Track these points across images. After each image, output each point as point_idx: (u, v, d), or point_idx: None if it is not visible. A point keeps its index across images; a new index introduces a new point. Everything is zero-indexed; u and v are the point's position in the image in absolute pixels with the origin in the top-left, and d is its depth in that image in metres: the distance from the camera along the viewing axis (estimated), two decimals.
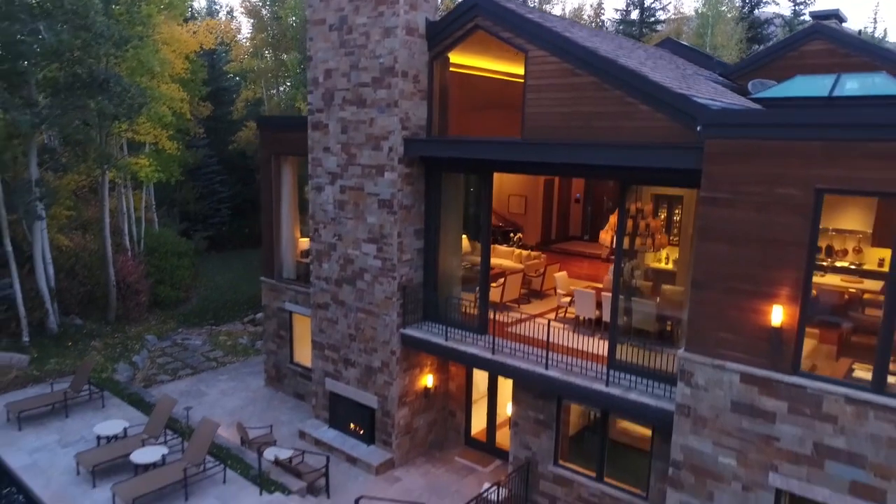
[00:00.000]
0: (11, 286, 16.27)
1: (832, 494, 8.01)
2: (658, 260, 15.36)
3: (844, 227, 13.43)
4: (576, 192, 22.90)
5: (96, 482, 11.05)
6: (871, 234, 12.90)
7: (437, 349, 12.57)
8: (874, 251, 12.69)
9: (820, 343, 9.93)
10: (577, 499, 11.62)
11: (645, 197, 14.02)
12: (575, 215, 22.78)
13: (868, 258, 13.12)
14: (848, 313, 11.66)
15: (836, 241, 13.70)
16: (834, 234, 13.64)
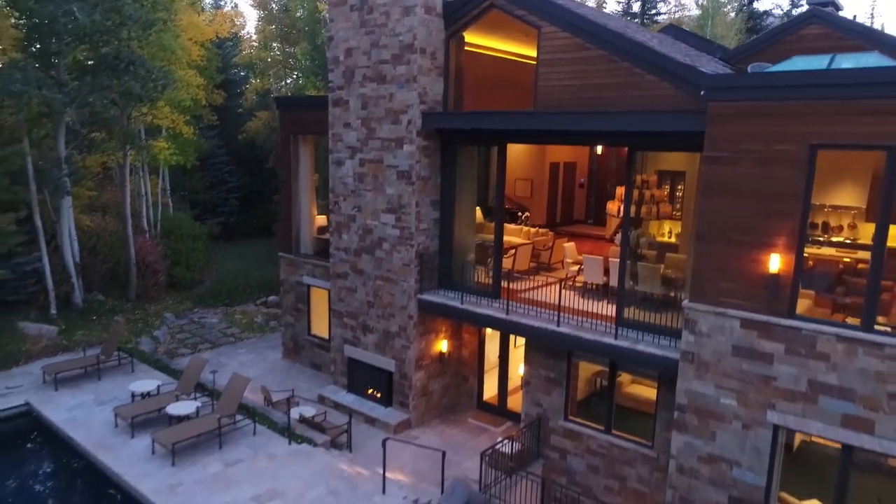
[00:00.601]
0: (40, 260, 16.93)
1: (825, 427, 8.71)
2: (662, 234, 16.09)
3: (840, 203, 14.04)
4: (580, 178, 23.62)
5: (134, 433, 11.73)
6: (864, 209, 13.53)
7: (454, 312, 13.26)
8: (868, 226, 13.27)
9: (815, 307, 10.60)
10: (587, 451, 12.31)
11: (650, 170, 14.78)
12: (579, 199, 23.49)
13: (862, 233, 13.71)
14: (842, 279, 12.37)
15: (833, 217, 14.32)
16: (830, 210, 14.26)
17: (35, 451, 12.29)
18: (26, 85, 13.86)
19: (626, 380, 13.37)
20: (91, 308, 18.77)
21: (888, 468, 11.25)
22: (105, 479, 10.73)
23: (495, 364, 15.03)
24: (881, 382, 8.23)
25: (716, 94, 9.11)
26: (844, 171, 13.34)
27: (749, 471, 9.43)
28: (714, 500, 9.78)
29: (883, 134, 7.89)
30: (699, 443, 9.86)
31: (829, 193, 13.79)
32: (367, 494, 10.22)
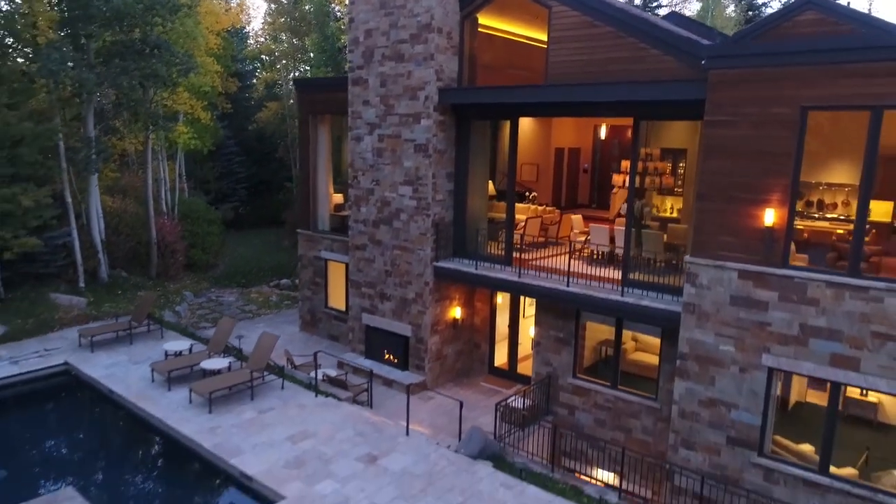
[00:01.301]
0: (70, 235, 17.71)
1: (815, 367, 9.51)
2: (665, 210, 16.87)
3: (835, 181, 14.78)
4: (584, 163, 24.39)
5: (171, 387, 12.53)
6: (858, 186, 14.28)
7: (469, 277, 14.06)
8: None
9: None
10: (594, 406, 13.10)
11: (653, 147, 15.56)
12: (583, 184, 24.24)
13: (855, 209, 14.45)
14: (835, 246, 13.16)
15: (827, 195, 15.06)
16: (825, 188, 15.00)
17: (78, 402, 13.14)
18: (62, 64, 14.66)
19: (630, 347, 14.20)
20: (116, 283, 19.56)
21: (878, 423, 12.17)
22: (146, 424, 11.54)
23: (506, 335, 15.83)
24: (866, 323, 9.03)
25: (715, 62, 9.91)
26: (839, 149, 14.10)
27: (746, 412, 10.22)
28: (713, 440, 10.58)
29: (867, 94, 8.70)
30: (700, 388, 10.65)
31: (825, 171, 14.49)
32: (391, 436, 11.01)
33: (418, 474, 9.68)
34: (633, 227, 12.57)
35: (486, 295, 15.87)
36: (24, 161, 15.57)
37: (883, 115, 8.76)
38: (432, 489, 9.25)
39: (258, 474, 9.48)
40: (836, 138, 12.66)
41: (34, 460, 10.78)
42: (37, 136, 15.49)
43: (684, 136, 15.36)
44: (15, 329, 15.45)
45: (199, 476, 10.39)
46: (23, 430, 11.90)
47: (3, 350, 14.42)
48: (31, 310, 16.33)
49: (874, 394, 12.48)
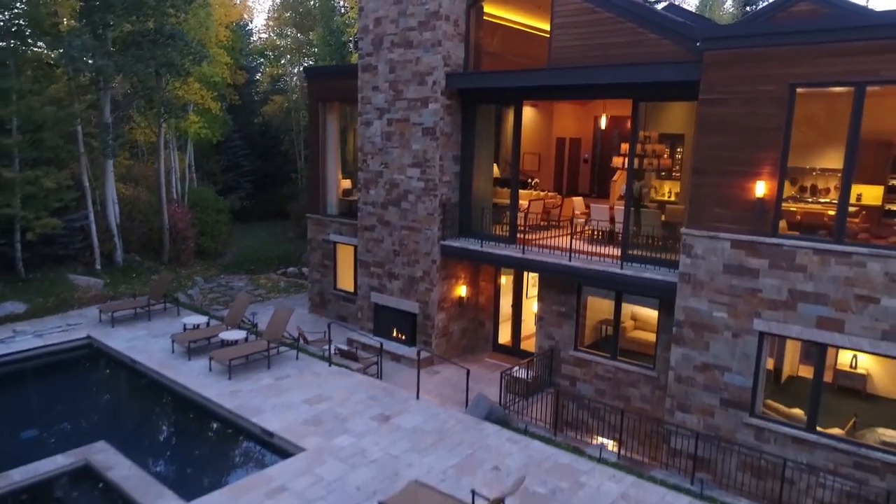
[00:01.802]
0: (87, 218, 18.30)
1: (803, 329, 10.10)
2: (662, 194, 17.45)
3: (827, 166, 15.34)
4: (584, 153, 24.97)
5: (190, 357, 13.13)
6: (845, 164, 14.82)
7: (475, 255, 14.65)
8: (853, 188, 14.53)
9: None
10: (594, 376, 13.70)
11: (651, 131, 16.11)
12: (584, 174, 24.81)
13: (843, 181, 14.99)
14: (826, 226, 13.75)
15: (821, 180, 15.62)
16: (818, 174, 15.56)
17: (102, 371, 13.77)
18: (83, 51, 15.24)
19: (629, 326, 14.79)
20: (130, 267, 20.15)
21: (866, 394, 12.76)
22: (169, 389, 12.14)
23: (509, 316, 16.43)
24: (850, 287, 9.62)
25: (710, 43, 10.50)
26: (832, 136, 14.66)
27: (738, 374, 10.82)
28: (708, 403, 11.17)
29: (850, 72, 9.30)
30: (695, 353, 11.25)
31: (819, 158, 15.04)
32: (402, 400, 11.61)
33: (429, 430, 10.27)
34: (631, 207, 13.17)
35: (490, 275, 16.47)
36: (46, 145, 16.18)
37: (865, 91, 9.35)
38: (443, 443, 9.84)
39: (279, 430, 10.08)
40: (830, 126, 13.24)
41: (64, 421, 11.42)
42: (58, 121, 16.09)
43: (682, 121, 15.95)
44: (36, 307, 16.05)
45: (222, 433, 11.01)
46: (50, 395, 12.55)
47: (27, 325, 15.02)
48: (50, 289, 16.92)
49: (863, 366, 13.14)
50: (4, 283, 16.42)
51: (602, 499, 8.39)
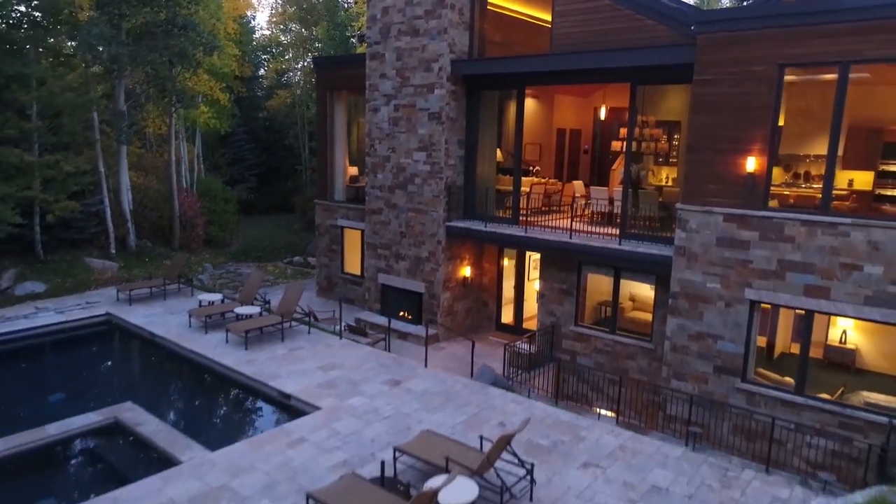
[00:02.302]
0: (102, 203, 18.87)
1: (791, 297, 10.67)
2: (660, 180, 18.01)
3: (821, 153, 15.86)
4: (584, 144, 25.52)
5: (207, 331, 13.71)
6: (841, 157, 15.36)
7: (479, 234, 15.22)
8: (844, 174, 15.09)
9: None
10: (594, 350, 14.28)
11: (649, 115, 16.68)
12: (584, 164, 25.37)
13: (840, 181, 15.50)
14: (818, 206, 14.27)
15: (814, 167, 16.15)
16: (812, 160, 16.10)
17: (123, 343, 14.39)
18: (101, 40, 15.81)
19: (628, 306, 15.35)
20: (143, 251, 20.72)
21: (856, 369, 13.32)
22: (188, 359, 12.71)
23: (511, 299, 17.00)
24: (835, 256, 10.20)
25: (703, 26, 11.08)
26: (824, 125, 15.19)
27: (730, 342, 11.39)
28: (701, 370, 11.75)
29: (834, 52, 9.88)
30: (689, 323, 11.83)
31: (811, 144, 15.58)
32: (411, 368, 12.19)
33: (437, 393, 10.85)
34: (630, 189, 13.75)
35: (493, 256, 17.04)
36: (66, 130, 16.74)
37: (850, 70, 9.91)
38: (450, 403, 10.42)
39: (296, 392, 10.66)
40: (823, 115, 13.76)
41: (90, 386, 12.01)
42: (77, 107, 16.65)
43: (678, 109, 16.50)
44: (55, 287, 16.63)
45: (241, 396, 11.60)
46: (74, 365, 13.20)
47: (48, 303, 15.60)
48: (68, 271, 17.50)
49: (852, 341, 13.71)
50: (24, 264, 16.99)
51: (601, 449, 8.97)
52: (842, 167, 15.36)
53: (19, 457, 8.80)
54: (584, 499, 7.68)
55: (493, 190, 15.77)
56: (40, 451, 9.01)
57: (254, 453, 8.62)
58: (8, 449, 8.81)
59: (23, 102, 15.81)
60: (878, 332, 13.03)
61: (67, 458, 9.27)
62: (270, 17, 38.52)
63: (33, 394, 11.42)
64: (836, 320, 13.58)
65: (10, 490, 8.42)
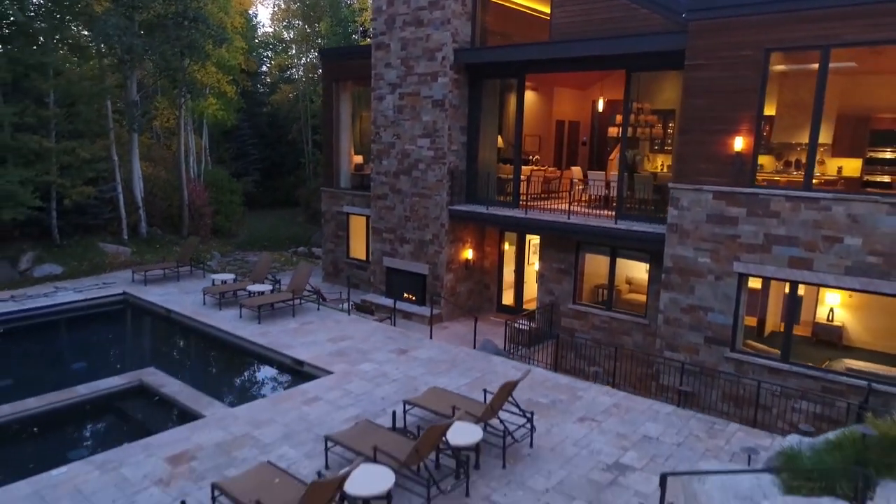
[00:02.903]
0: (115, 190, 19.48)
1: (777, 269, 11.30)
2: (655, 167, 18.62)
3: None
4: (583, 136, 26.13)
5: (221, 307, 14.32)
6: (831, 145, 15.95)
7: (481, 217, 15.84)
8: (834, 161, 15.69)
9: None
10: (591, 327, 14.90)
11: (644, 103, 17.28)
12: (582, 156, 26.01)
13: (830, 168, 16.11)
14: None
15: (804, 155, 16.70)
16: (803, 149, 16.65)
17: (141, 318, 15.02)
18: (117, 30, 16.43)
19: (624, 289, 15.96)
20: (153, 238, 21.35)
21: (842, 346, 13.91)
22: (204, 332, 13.31)
23: (512, 284, 17.63)
24: (818, 229, 10.82)
25: (694, 14, 11.70)
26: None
27: (720, 314, 12.02)
28: (693, 341, 12.37)
29: (816, 36, 10.50)
30: (681, 297, 12.45)
31: (802, 133, 16.12)
32: (417, 339, 12.81)
33: (442, 360, 11.47)
34: (625, 173, 14.38)
35: (494, 240, 17.65)
36: (82, 118, 17.35)
37: (830, 53, 10.53)
38: (455, 369, 11.03)
39: (309, 359, 11.27)
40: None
41: (112, 355, 12.64)
42: (93, 95, 17.26)
43: (673, 98, 17.11)
44: (72, 269, 17.24)
45: (257, 363, 12.22)
46: (95, 337, 13.88)
47: (66, 284, 16.20)
48: (84, 254, 18.11)
49: (839, 318, 14.33)
50: (42, 248, 17.60)
51: (596, 406, 9.59)
52: (832, 155, 16.02)
53: (53, 412, 9.42)
54: (581, 446, 8.30)
55: (495, 174, 16.40)
56: (71, 409, 9.63)
57: (272, 409, 9.23)
58: (42, 405, 9.42)
59: (42, 91, 16.43)
60: (863, 309, 13.67)
61: (97, 414, 9.89)
62: (273, 14, 39.18)
63: (59, 362, 12.05)
64: (823, 298, 14.25)
65: (45, 440, 9.04)
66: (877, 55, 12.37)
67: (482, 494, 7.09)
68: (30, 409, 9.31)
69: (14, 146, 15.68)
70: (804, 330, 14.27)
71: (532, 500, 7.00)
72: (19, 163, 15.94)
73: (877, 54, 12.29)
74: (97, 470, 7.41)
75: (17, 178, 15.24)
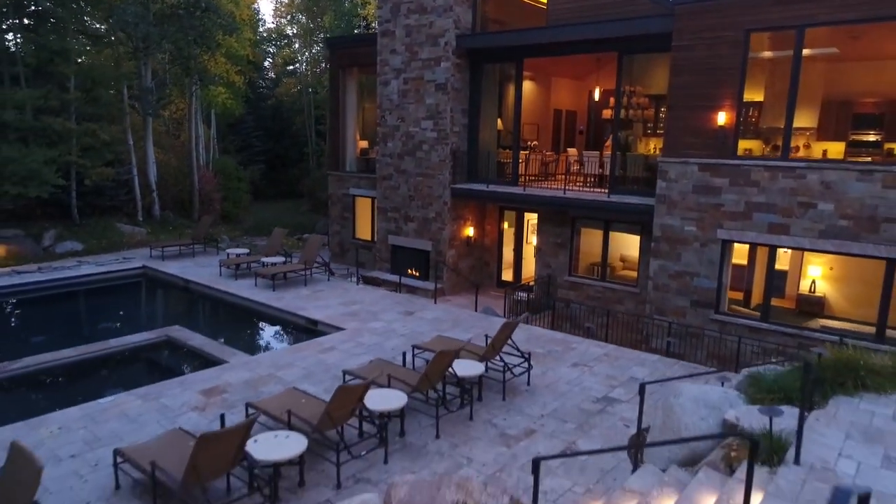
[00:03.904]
0: (130, 173, 20.33)
1: (757, 235, 12.17)
2: (647, 150, 19.47)
3: (798, 125, 17.28)
4: (580, 125, 26.98)
5: (237, 278, 15.18)
6: (816, 129, 16.77)
7: (482, 194, 16.70)
8: (819, 144, 16.49)
9: None
10: (587, 297, 15.76)
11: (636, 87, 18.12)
12: (578, 144, 26.84)
13: (814, 151, 16.91)
14: None
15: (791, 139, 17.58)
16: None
17: (161, 288, 15.89)
18: (136, 18, 17.28)
19: (618, 266, 16.82)
20: (166, 221, 22.19)
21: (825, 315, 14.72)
22: (222, 299, 14.16)
23: (511, 263, 18.49)
24: (794, 196, 11.69)
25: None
26: (802, 98, 16.56)
27: (705, 278, 12.89)
28: (680, 305, 13.24)
29: (792, 17, 11.36)
30: (669, 264, 13.32)
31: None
32: (422, 303, 13.68)
33: (446, 319, 12.34)
34: (618, 152, 15.26)
35: (494, 219, 18.51)
36: (102, 102, 18.20)
37: (805, 33, 11.40)
38: (458, 326, 11.89)
39: (323, 318, 12.14)
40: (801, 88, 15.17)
41: (137, 318, 13.51)
42: (112, 80, 18.10)
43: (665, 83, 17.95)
44: (91, 246, 18.09)
45: (274, 323, 13.09)
46: (119, 303, 14.77)
47: (87, 259, 17.06)
48: (101, 233, 18.96)
49: (821, 290, 15.18)
50: (63, 226, 18.45)
51: (588, 355, 10.45)
52: (817, 139, 16.87)
53: (88, 361, 10.27)
54: (573, 384, 9.17)
55: (495, 154, 17.25)
56: (106, 358, 10.49)
57: (292, 355, 10.10)
58: (79, 355, 10.27)
59: (64, 75, 17.27)
60: (842, 280, 14.52)
61: (130, 362, 10.76)
62: (276, 9, 40.03)
63: (88, 323, 12.91)
64: (806, 272, 15.10)
65: (85, 382, 9.90)
66: (856, 41, 13.26)
67: (484, 419, 7.95)
68: (68, 357, 10.15)
69: (38, 127, 16.53)
70: (789, 302, 15.13)
71: (528, 423, 7.87)
72: (43, 143, 16.79)
73: (856, 40, 13.18)
74: (139, 399, 8.27)
75: (41, 158, 16.08)
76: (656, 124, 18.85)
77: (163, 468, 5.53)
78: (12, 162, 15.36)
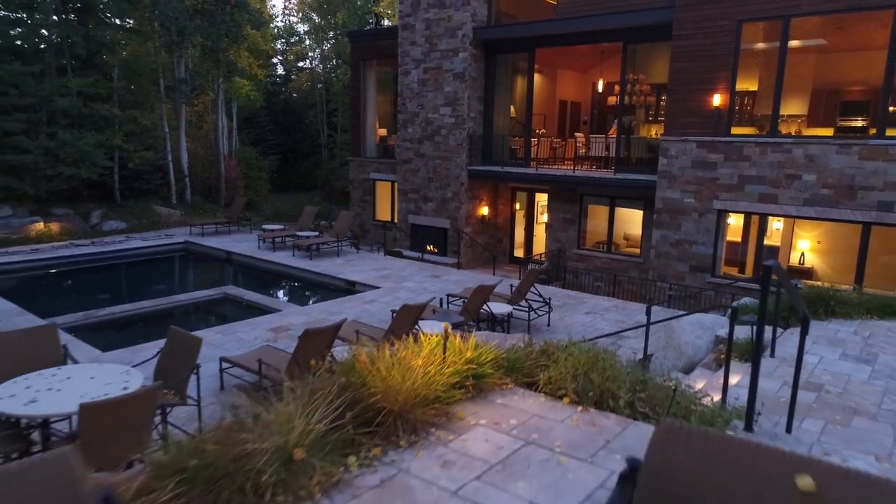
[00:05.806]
0: (166, 158, 21.74)
1: (749, 205, 13.57)
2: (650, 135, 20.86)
3: (790, 112, 18.64)
4: (584, 116, 28.35)
5: (275, 250, 16.60)
6: (807, 116, 18.10)
7: (496, 174, 18.12)
8: (810, 130, 17.73)
9: None
10: (594, 268, 17.17)
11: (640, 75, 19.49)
12: (584, 133, 28.24)
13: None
14: None
15: (783, 126, 18.89)
16: (783, 120, 18.84)
17: (204, 259, 17.28)
18: (177, 12, 18.69)
19: (622, 244, 18.22)
20: (196, 205, 23.60)
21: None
22: (263, 267, 15.58)
23: (522, 242, 19.90)
24: (781, 168, 13.10)
25: None
26: (793, 87, 17.89)
27: (703, 245, 14.29)
28: (680, 270, 14.65)
29: (779, 7, 12.76)
30: (670, 233, 14.73)
31: (783, 105, 18.31)
32: (447, 271, 15.10)
33: (470, 280, 13.76)
34: (622, 135, 16.68)
35: (507, 199, 19.92)
36: (143, 90, 19.61)
37: (790, 22, 12.79)
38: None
39: (359, 279, 13.56)
40: (792, 78, 16.54)
41: (188, 283, 14.89)
42: (152, 70, 19.50)
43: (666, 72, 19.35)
44: (133, 225, 19.51)
45: (315, 285, 14.51)
46: (171, 272, 16.15)
47: (133, 235, 18.47)
48: (141, 214, 20.38)
49: (809, 261, 16.59)
50: (107, 207, 19.87)
51: (599, 306, 11.88)
52: (807, 126, 18.19)
53: (161, 311, 11.67)
54: (588, 326, 10.59)
55: (509, 138, 18.66)
56: (173, 309, 11.90)
57: (339, 306, 11.52)
58: (153, 306, 11.68)
59: (110, 65, 18.68)
60: (829, 253, 15.91)
61: (198, 312, 12.17)
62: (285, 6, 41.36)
63: (147, 286, 14.32)
64: (796, 245, 16.51)
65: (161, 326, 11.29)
66: (843, 32, 14.64)
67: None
68: (143, 308, 11.57)
69: (87, 114, 17.94)
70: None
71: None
72: (92, 128, 18.19)
73: (842, 31, 14.56)
74: (219, 334, 9.67)
75: (91, 142, 17.49)
76: (657, 111, 20.25)
77: (269, 364, 6.94)
78: (67, 145, 16.76)
